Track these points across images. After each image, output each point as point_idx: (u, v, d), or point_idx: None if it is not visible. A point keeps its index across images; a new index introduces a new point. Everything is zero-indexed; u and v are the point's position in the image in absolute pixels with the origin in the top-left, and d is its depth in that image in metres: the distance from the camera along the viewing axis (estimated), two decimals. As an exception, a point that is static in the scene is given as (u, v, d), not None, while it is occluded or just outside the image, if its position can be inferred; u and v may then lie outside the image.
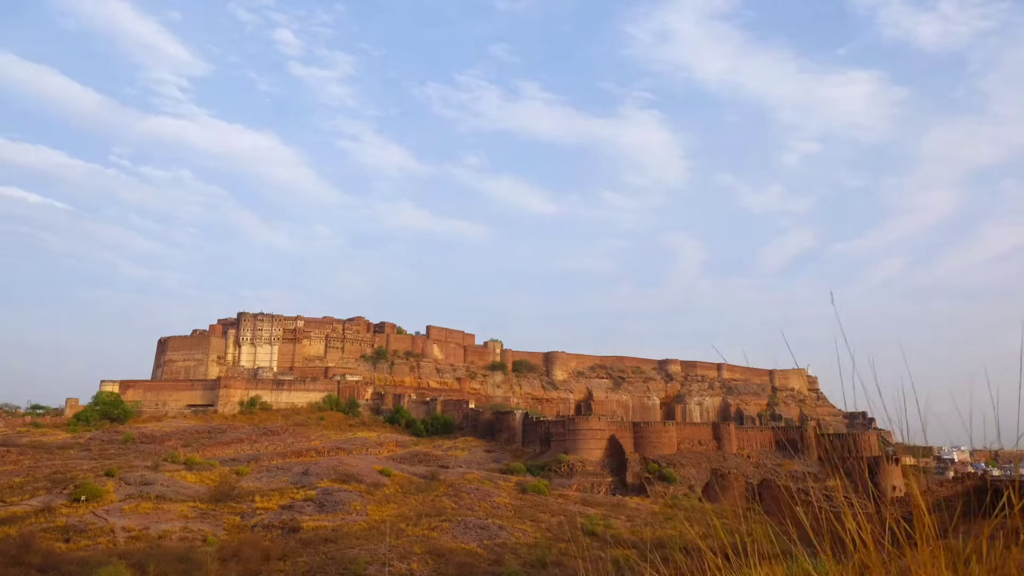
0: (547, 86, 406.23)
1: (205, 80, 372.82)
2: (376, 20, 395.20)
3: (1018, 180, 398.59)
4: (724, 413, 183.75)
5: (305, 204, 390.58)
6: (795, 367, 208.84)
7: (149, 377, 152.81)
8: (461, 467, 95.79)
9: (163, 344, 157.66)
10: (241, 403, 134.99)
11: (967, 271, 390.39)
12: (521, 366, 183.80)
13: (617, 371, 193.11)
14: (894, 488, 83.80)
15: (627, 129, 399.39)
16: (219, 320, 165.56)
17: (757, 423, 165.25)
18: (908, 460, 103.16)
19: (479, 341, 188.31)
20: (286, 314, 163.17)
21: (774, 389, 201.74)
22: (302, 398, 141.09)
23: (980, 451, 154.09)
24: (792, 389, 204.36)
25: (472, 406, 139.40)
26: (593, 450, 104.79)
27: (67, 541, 48.31)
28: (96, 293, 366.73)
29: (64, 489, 62.78)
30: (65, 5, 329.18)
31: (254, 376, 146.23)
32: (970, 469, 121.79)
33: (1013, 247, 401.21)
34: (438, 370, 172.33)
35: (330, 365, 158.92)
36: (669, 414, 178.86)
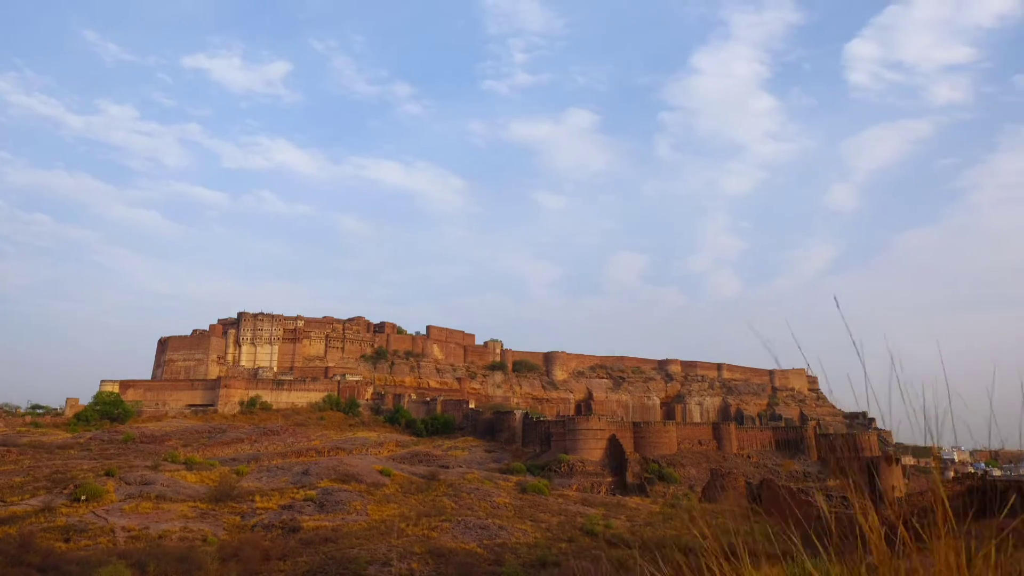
0: (332, 158, 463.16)
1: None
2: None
3: (755, 222, 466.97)
4: (724, 413, 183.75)
5: (154, 238, 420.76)
6: (794, 367, 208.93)
7: (149, 377, 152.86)
8: (461, 467, 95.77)
9: (163, 344, 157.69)
10: (241, 403, 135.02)
11: (791, 293, 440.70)
12: (521, 366, 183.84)
13: (617, 371, 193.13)
14: (894, 488, 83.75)
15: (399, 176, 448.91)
16: (219, 320, 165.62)
17: (757, 423, 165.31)
18: (908, 460, 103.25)
19: (479, 341, 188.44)
20: (286, 314, 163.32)
21: (774, 389, 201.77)
22: (302, 398, 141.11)
23: (980, 451, 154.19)
24: (792, 389, 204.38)
25: (472, 406, 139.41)
26: (593, 450, 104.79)
27: (67, 541, 48.29)
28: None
29: (64, 489, 62.78)
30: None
31: (254, 376, 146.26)
32: (970, 469, 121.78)
33: (818, 271, 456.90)
34: (438, 370, 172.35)
35: (330, 365, 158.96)
36: (669, 414, 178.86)
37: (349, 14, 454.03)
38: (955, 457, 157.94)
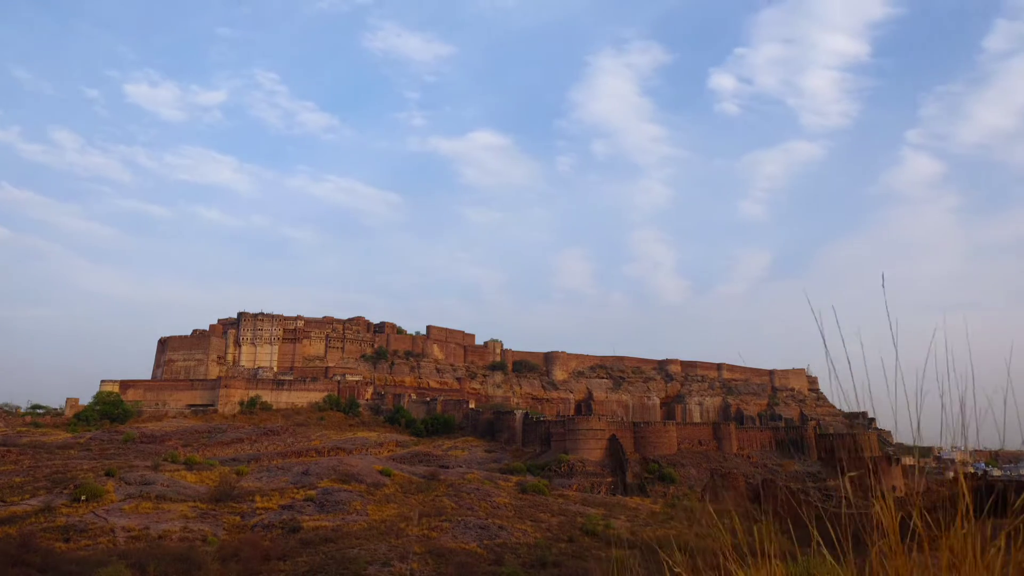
0: (272, 178, 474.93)
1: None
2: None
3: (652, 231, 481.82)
4: (724, 413, 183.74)
5: (114, 249, 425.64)
6: (794, 367, 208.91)
7: (149, 377, 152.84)
8: (461, 467, 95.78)
9: (163, 344, 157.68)
10: (241, 403, 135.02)
11: (733, 298, 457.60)
12: (521, 366, 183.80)
13: (617, 371, 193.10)
14: (894, 488, 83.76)
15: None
16: (219, 320, 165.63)
17: (757, 423, 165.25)
18: (908, 460, 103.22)
19: (479, 341, 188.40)
20: (286, 314, 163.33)
21: (774, 389, 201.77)
22: (302, 398, 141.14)
23: (980, 451, 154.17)
24: (792, 389, 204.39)
25: (472, 406, 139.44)
26: (593, 450, 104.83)
27: (67, 541, 48.29)
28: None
29: (64, 489, 62.79)
30: None
31: (254, 376, 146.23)
32: (970, 469, 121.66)
33: (757, 278, 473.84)
34: (438, 370, 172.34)
35: (330, 365, 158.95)
36: (669, 414, 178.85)
37: (255, 56, 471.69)
38: (955, 457, 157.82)
